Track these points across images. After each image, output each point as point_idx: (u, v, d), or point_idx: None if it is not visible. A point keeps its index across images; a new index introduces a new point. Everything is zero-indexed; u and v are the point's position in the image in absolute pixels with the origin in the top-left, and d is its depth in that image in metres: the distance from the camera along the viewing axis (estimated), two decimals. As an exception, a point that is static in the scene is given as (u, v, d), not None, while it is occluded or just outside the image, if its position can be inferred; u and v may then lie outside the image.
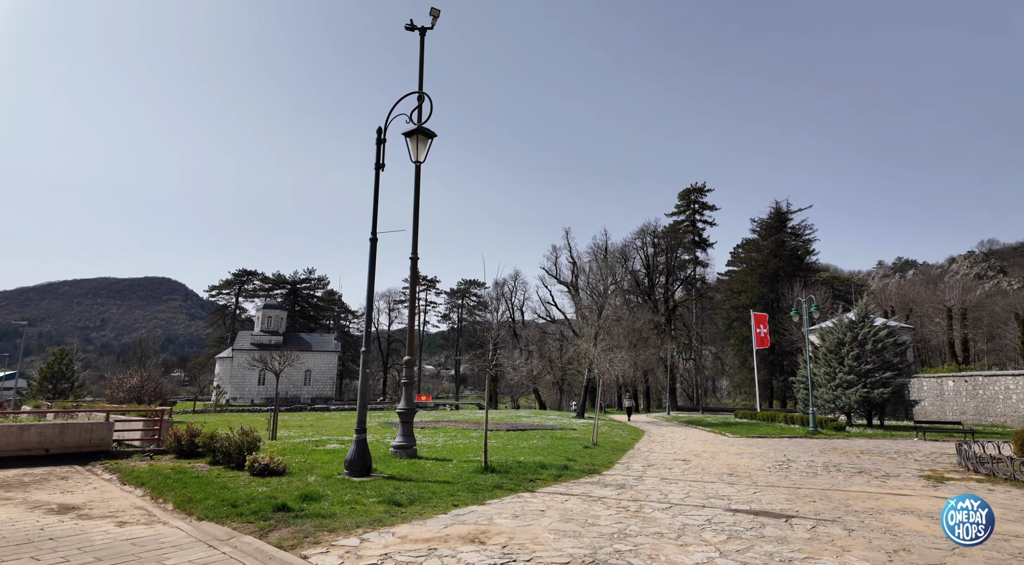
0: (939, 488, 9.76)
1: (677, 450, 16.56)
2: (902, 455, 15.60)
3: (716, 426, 28.81)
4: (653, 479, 10.32)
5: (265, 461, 9.48)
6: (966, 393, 31.65)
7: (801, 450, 16.85)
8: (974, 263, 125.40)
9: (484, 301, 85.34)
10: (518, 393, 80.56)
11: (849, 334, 28.21)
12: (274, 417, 17.11)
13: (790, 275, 64.07)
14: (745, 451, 16.46)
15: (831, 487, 9.69)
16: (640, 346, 40.49)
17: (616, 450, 15.79)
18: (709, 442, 19.73)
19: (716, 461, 13.70)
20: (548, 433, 20.47)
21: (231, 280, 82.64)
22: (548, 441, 17.12)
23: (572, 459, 12.66)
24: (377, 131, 10.36)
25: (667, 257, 68.85)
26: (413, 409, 12.32)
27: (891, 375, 26.72)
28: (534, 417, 33.88)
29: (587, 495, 8.42)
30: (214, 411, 43.85)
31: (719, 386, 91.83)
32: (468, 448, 14.32)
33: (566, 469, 10.87)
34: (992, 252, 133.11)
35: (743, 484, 9.94)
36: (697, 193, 72.76)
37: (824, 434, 23.05)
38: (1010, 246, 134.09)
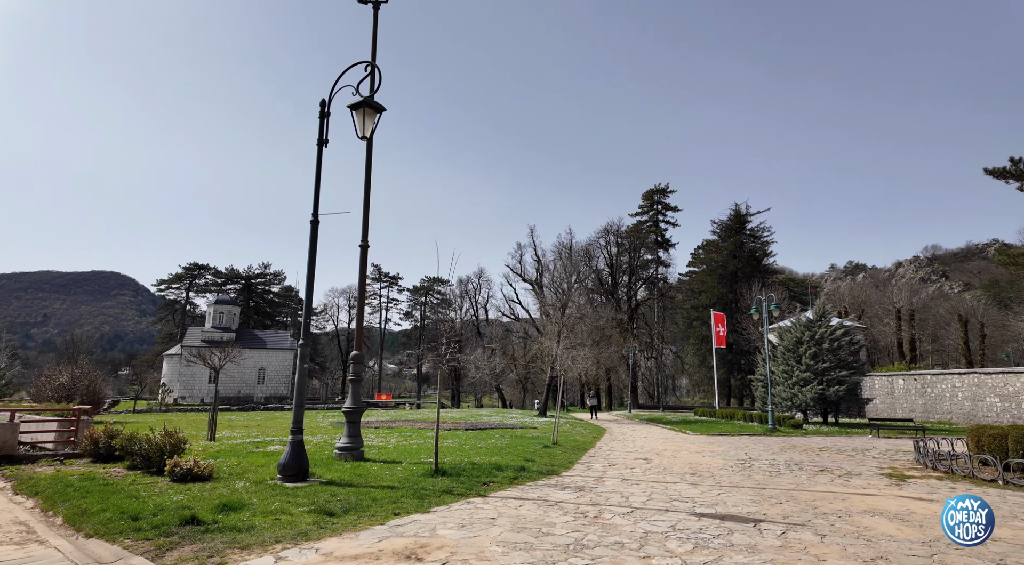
0: (903, 487, 9.53)
1: (639, 448, 16.16)
2: (860, 452, 15.60)
3: (677, 424, 28.75)
4: (614, 480, 9.78)
5: (188, 465, 8.50)
6: (915, 391, 32.59)
7: (761, 448, 16.70)
8: (919, 267, 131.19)
9: (448, 299, 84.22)
10: (481, 392, 79.80)
11: (807, 333, 28.57)
12: (213, 416, 15.91)
13: (748, 276, 65.35)
14: (706, 449, 16.19)
15: (796, 487, 9.34)
16: (603, 344, 40.35)
17: (577, 449, 15.26)
18: (670, 440, 19.46)
19: (678, 460, 13.31)
20: (508, 432, 19.83)
21: (181, 274, 78.98)
22: (507, 440, 16.47)
23: (531, 459, 12.03)
24: (321, 104, 9.47)
25: (630, 257, 69.29)
26: (360, 408, 11.46)
27: (846, 373, 27.16)
28: (496, 416, 33.22)
29: (544, 499, 7.78)
30: (158, 411, 41.54)
31: (679, 385, 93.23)
32: (421, 449, 13.53)
33: (523, 470, 10.22)
34: (935, 257, 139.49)
35: (706, 485, 9.49)
36: (660, 194, 73.49)
37: (782, 432, 23.16)
38: (951, 251, 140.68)
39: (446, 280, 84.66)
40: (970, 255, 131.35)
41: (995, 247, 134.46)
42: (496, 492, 8.27)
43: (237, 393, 64.88)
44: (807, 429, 24.44)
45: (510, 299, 73.25)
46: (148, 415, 33.66)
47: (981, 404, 28.13)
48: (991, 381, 27.80)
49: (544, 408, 36.22)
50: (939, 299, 73.98)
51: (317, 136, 9.43)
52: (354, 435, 11.18)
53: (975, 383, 28.63)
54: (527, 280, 67.50)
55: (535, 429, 22.19)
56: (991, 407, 27.60)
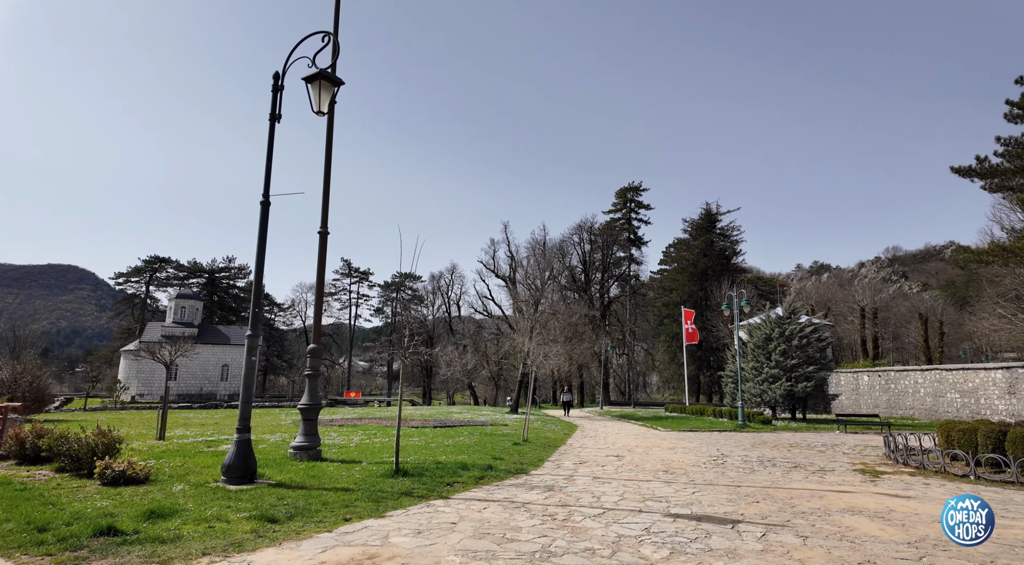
0: (877, 483, 9.34)
1: (610, 445, 15.82)
2: (830, 448, 15.56)
3: (648, 420, 28.65)
4: (585, 479, 9.34)
5: (121, 467, 7.73)
6: (879, 387, 33.22)
7: (732, 444, 16.55)
8: (880, 268, 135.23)
9: (420, 295, 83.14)
10: (454, 389, 79.08)
11: (777, 330, 28.77)
12: (162, 414, 14.96)
13: (718, 274, 66.08)
14: (678, 445, 15.95)
15: (771, 484, 9.05)
16: (575, 341, 40.14)
17: (547, 446, 14.82)
18: (642, 436, 19.21)
19: (650, 456, 12.98)
20: (478, 429, 19.30)
21: (141, 267, 75.95)
22: (476, 438, 15.95)
23: (499, 458, 11.52)
24: (274, 76, 8.75)
25: (603, 254, 69.41)
26: (317, 405, 10.77)
27: (814, 370, 27.43)
28: (466, 413, 32.65)
29: (510, 501, 7.28)
30: (113, 409, 39.70)
31: (649, 381, 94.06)
32: (385, 448, 12.90)
33: (490, 470, 9.70)
34: (896, 258, 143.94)
35: (680, 482, 9.13)
36: (633, 192, 73.78)
37: (752, 428, 23.19)
38: (911, 253, 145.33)
39: (418, 276, 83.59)
40: (928, 256, 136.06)
41: (951, 249, 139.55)
42: (460, 493, 7.73)
43: (199, 390, 62.78)
44: (776, 425, 24.55)
45: (483, 295, 72.59)
46: (100, 413, 32.03)
47: (942, 400, 28.78)
48: (952, 377, 28.44)
49: (516, 405, 35.80)
50: (899, 298, 76.30)
51: (270, 111, 8.72)
52: (310, 433, 10.50)
53: (936, 379, 29.28)
54: (500, 276, 66.98)
55: (506, 426, 21.72)
56: (951, 402, 28.25)
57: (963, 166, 19.08)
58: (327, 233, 11.16)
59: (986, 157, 17.88)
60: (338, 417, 26.01)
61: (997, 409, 25.92)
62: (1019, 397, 25.20)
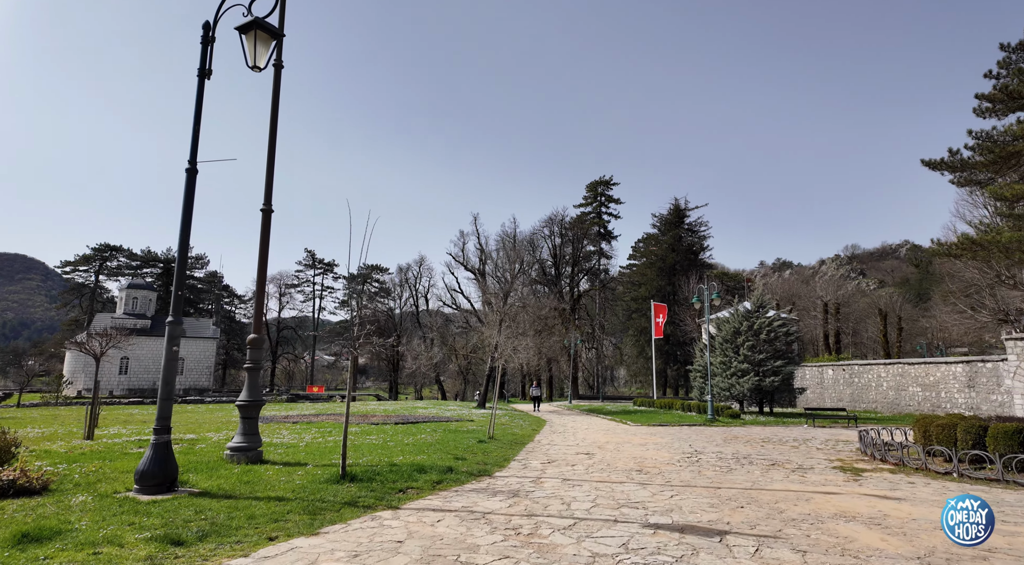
0: (861, 483, 8.83)
1: (580, 441, 15.13)
2: (803, 443, 15.21)
3: (617, 414, 28.21)
4: (554, 481, 8.55)
5: (11, 475, 6.57)
6: (843, 381, 33.59)
7: (704, 439, 16.07)
8: (840, 265, 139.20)
9: (387, 288, 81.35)
10: (421, 383, 77.74)
11: (745, 323, 28.65)
12: (92, 411, 13.57)
13: (686, 269, 66.49)
14: (649, 441, 15.37)
15: (753, 485, 8.43)
16: (545, 334, 39.51)
17: (514, 444, 14.02)
18: (611, 431, 18.62)
19: (622, 454, 12.31)
20: (442, 426, 18.38)
21: (90, 255, 71.94)
22: (439, 435, 15.04)
23: (461, 458, 10.65)
24: (204, 27, 7.61)
25: (573, 247, 69.04)
26: (258, 401, 9.70)
27: (782, 364, 27.41)
28: (432, 408, 31.67)
29: (469, 510, 6.42)
30: (54, 405, 37.25)
31: (617, 375, 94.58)
32: (338, 448, 11.88)
33: (450, 472, 8.82)
34: (854, 256, 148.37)
35: (656, 484, 8.43)
36: (604, 186, 73.55)
37: (721, 422, 22.91)
38: (869, 251, 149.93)
39: (385, 268, 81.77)
40: (885, 255, 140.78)
41: (907, 247, 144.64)
42: (413, 502, 6.83)
43: (152, 384, 59.87)
44: (745, 419, 24.36)
45: (452, 288, 71.37)
46: (35, 410, 29.87)
47: (904, 393, 29.18)
48: (914, 371, 28.85)
49: (483, 400, 34.96)
50: (857, 295, 78.39)
51: (198, 66, 7.58)
52: (250, 433, 9.42)
53: (899, 373, 29.68)
54: (470, 269, 65.89)
55: (472, 422, 20.88)
56: (913, 396, 28.65)
57: (934, 159, 19.00)
58: (271, 211, 10.04)
59: (958, 150, 17.83)
60: (294, 413, 24.72)
61: (957, 402, 26.34)
62: (978, 391, 25.63)
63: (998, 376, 24.88)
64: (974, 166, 18.07)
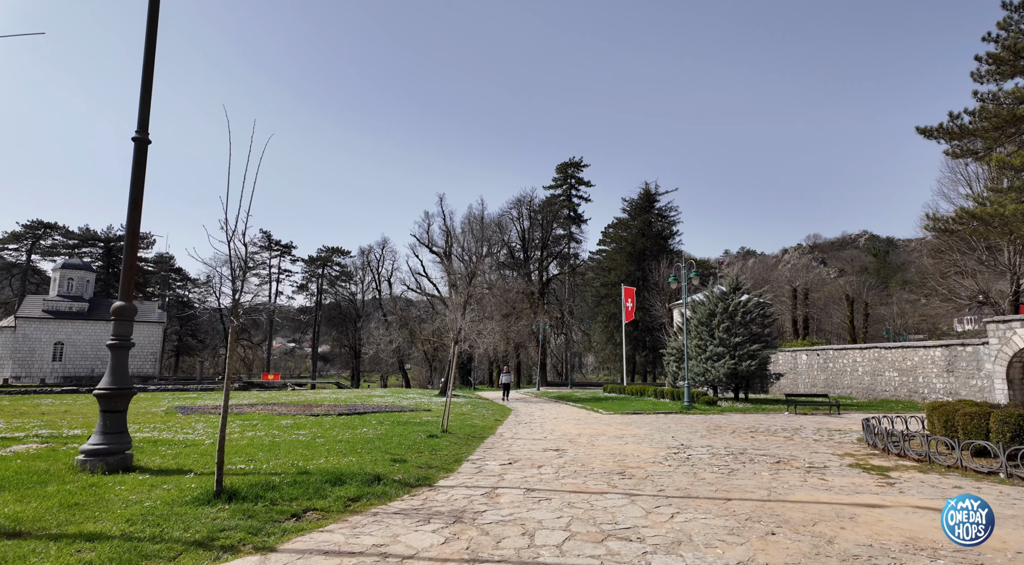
0: (901, 489, 7.06)
1: (548, 434, 13.18)
2: (794, 433, 13.64)
3: (587, 401, 26.51)
4: (514, 493, 6.51)
5: None
6: (817, 366, 32.69)
7: (686, 429, 14.35)
8: (802, 254, 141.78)
9: (349, 271, 78.00)
10: (387, 371, 75.00)
11: (721, 305, 27.22)
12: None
13: (656, 255, 65.45)
14: (626, 432, 13.55)
15: (769, 494, 6.56)
16: (512, 318, 37.58)
17: (472, 438, 11.97)
18: (583, 421, 16.78)
19: (598, 449, 10.40)
20: (392, 417, 16.20)
21: (20, 233, 66.26)
22: (385, 429, 12.87)
23: (400, 459, 8.51)
24: None
25: (543, 231, 67.12)
26: (125, 390, 7.36)
27: (759, 347, 26.12)
28: (390, 396, 29.38)
29: (382, 553, 4.30)
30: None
31: (585, 362, 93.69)
32: (251, 447, 9.62)
33: (377, 482, 6.66)
34: (816, 245, 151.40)
35: (647, 494, 6.49)
36: (574, 168, 71.69)
37: (698, 409, 21.40)
38: (830, 240, 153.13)
39: (347, 251, 78.38)
40: (845, 244, 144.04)
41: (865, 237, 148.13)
42: (303, 535, 4.67)
43: (91, 372, 55.69)
44: (722, 406, 22.94)
45: (416, 272, 68.52)
46: (-66, 400, 26.30)
47: (880, 378, 28.34)
48: (890, 356, 27.99)
49: (446, 387, 32.82)
50: (819, 283, 79.05)
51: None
52: (112, 431, 7.08)
53: (875, 357, 28.81)
54: (435, 252, 63.45)
55: (428, 412, 18.75)
56: (890, 381, 27.81)
57: (929, 126, 17.57)
58: (146, 140, 7.60)
59: (959, 114, 16.35)
60: (232, 403, 22.11)
61: (935, 387, 25.52)
62: (957, 376, 24.82)
63: (978, 360, 24.06)
64: (974, 133, 16.62)
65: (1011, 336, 22.25)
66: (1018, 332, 22.07)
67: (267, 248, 77.08)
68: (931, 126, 17.71)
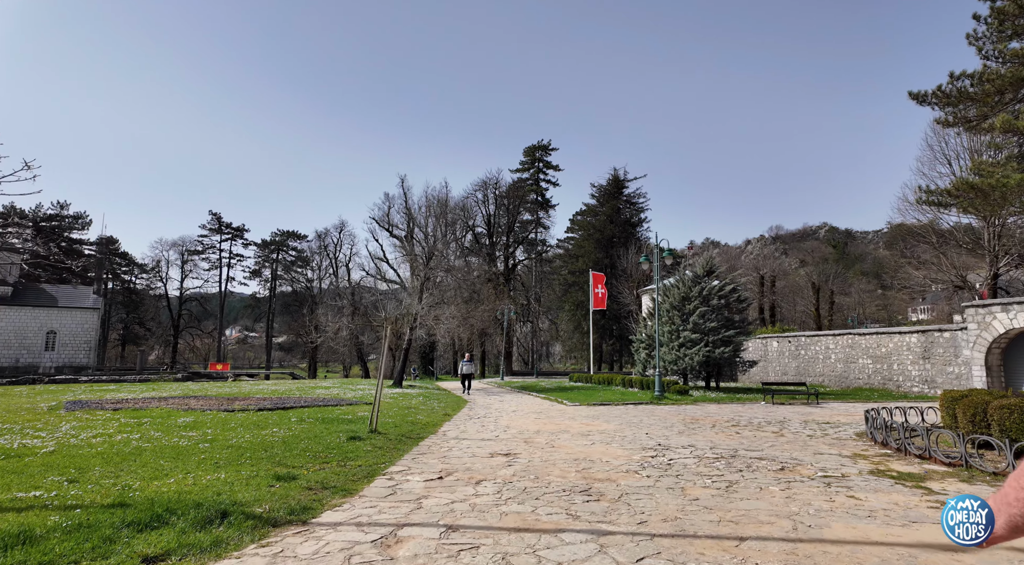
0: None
1: (502, 431, 11.11)
2: (781, 427, 11.94)
3: (552, 391, 24.64)
4: (424, 535, 4.39)
5: None
6: (789, 354, 31.62)
7: (660, 424, 12.50)
8: (765, 245, 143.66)
9: (305, 256, 74.23)
10: (349, 361, 71.85)
11: (695, 288, 25.65)
12: None
13: (624, 242, 64.15)
14: (594, 428, 11.60)
15: (794, 527, 4.60)
16: (473, 302, 35.38)
17: (405, 439, 9.79)
18: (545, 415, 14.80)
19: (558, 453, 8.39)
20: (321, 413, 13.88)
21: (-64, 211, 60.42)
22: (302, 428, 10.59)
23: (288, 476, 6.26)
24: None
25: (509, 216, 64.88)
26: None
27: (733, 333, 24.67)
28: (336, 388, 26.87)
29: None
30: None
31: (552, 351, 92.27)
32: (102, 456, 7.24)
33: (220, 520, 4.41)
34: (778, 237, 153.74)
35: (623, 528, 4.46)
36: (542, 151, 69.56)
37: (670, 399, 19.72)
38: (792, 232, 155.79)
39: (303, 235, 74.56)
40: (806, 236, 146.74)
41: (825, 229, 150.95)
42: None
43: (15, 362, 51.14)
44: (694, 396, 21.34)
45: (376, 257, 65.41)
46: None
47: (853, 366, 27.33)
48: (864, 342, 26.98)
49: (400, 377, 30.54)
50: (781, 273, 79.47)
51: None
52: None
53: (849, 344, 27.77)
54: (395, 235, 60.44)
55: (370, 405, 16.44)
56: (863, 368, 26.81)
57: (922, 91, 16.10)
58: None
59: (960, 74, 14.81)
60: (133, 396, 19.29)
61: (910, 375, 24.56)
62: (933, 362, 23.86)
63: (956, 346, 23.11)
64: (972, 98, 15.13)
65: (991, 321, 21.26)
66: (998, 317, 21.08)
67: (217, 231, 72.68)
68: (924, 91, 16.22)
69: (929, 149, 24.85)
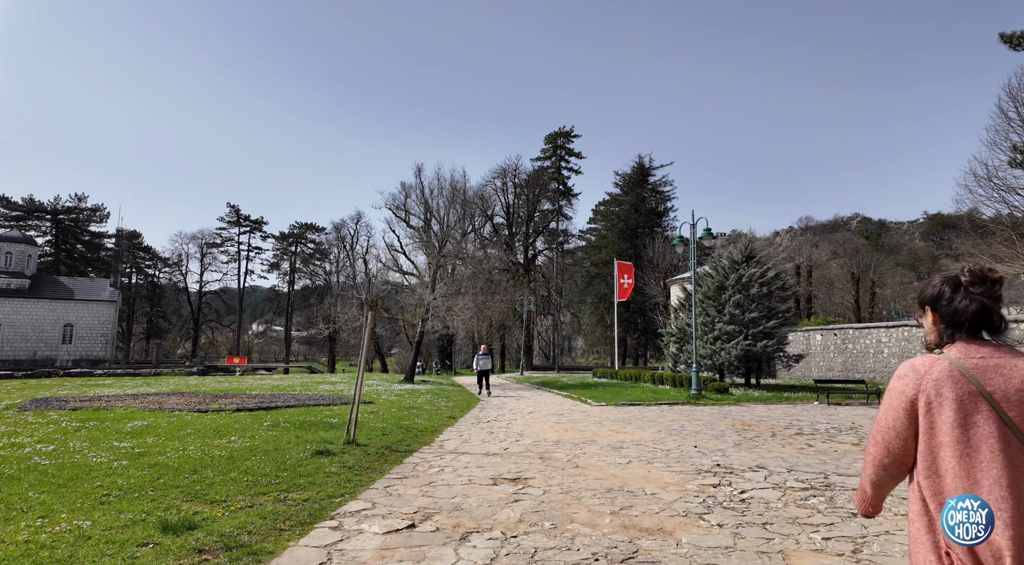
0: None
1: (513, 442, 9.02)
2: (857, 435, 9.59)
3: (574, 388, 22.51)
4: None
5: None
6: (834, 348, 28.88)
7: (707, 431, 10.28)
8: (794, 237, 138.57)
9: (323, 249, 73.12)
10: (370, 355, 70.69)
11: (732, 276, 23.17)
12: None
13: (650, 232, 61.46)
14: (627, 438, 9.45)
15: None
16: (489, 293, 33.36)
17: (388, 453, 7.77)
18: (566, 417, 12.68)
19: (585, 478, 6.27)
20: (305, 414, 11.99)
21: (-44, 204, 60.72)
22: (267, 435, 8.67)
23: (188, 523, 4.26)
24: None
25: (529, 205, 62.56)
26: None
27: (776, 324, 22.15)
28: (341, 384, 25.13)
29: None
30: None
31: (574, 345, 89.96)
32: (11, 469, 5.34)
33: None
34: (808, 228, 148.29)
35: None
36: (564, 138, 66.97)
37: (709, 398, 17.42)
38: (822, 223, 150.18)
39: (321, 227, 73.46)
40: (837, 227, 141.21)
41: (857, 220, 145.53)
42: None
43: (33, 355, 50.89)
44: (735, 394, 18.99)
45: (392, 247, 63.97)
46: None
47: (911, 361, 24.54)
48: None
49: (412, 373, 28.71)
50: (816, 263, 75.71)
51: None
52: None
53: (904, 337, 24.98)
54: (412, 226, 58.74)
55: (370, 404, 14.55)
56: (923, 364, 24.02)
57: (1016, 32, 13.33)
58: None
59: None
60: (107, 394, 17.73)
61: (981, 372, 21.75)
62: (1009, 357, 21.02)
63: (1037, 339, 20.24)
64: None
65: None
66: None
67: (235, 224, 71.97)
68: (1018, 32, 13.49)
69: (1002, 115, 21.83)
